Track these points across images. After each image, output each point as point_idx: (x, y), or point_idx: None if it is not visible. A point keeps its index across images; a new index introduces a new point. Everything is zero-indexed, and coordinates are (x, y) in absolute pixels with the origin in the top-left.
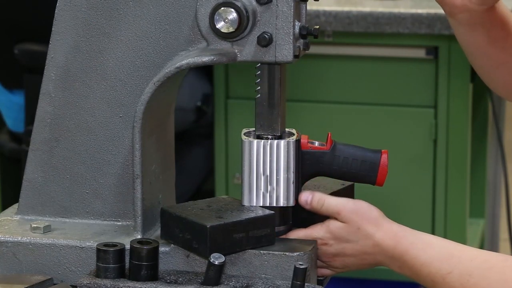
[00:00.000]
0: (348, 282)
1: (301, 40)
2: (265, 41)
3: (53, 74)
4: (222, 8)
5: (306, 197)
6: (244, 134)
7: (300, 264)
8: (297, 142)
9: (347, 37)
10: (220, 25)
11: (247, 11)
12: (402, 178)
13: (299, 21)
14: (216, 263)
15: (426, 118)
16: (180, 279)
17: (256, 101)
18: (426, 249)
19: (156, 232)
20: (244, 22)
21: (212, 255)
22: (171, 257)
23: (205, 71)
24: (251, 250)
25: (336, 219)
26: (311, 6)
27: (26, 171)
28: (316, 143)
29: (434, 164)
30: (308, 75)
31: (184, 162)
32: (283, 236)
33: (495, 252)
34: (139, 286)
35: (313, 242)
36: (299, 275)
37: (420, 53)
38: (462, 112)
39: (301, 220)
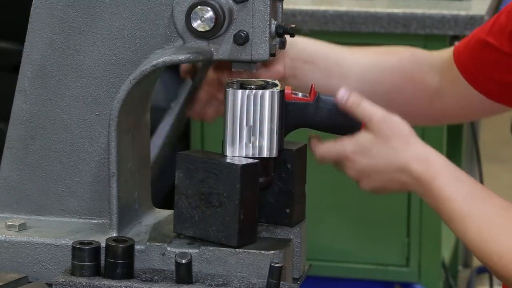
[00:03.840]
0: (347, 282)
1: (277, 39)
2: (241, 40)
3: (28, 71)
4: (199, 7)
5: (343, 94)
6: (227, 84)
7: (276, 263)
8: (282, 92)
9: (323, 36)
10: (196, 23)
11: (223, 10)
12: None
13: (275, 19)
14: (183, 261)
15: None
16: (156, 277)
17: None
18: (453, 184)
19: (132, 230)
20: (220, 21)
21: (177, 254)
22: (146, 255)
23: (179, 70)
24: (227, 249)
25: (365, 127)
26: (287, 5)
27: (1, 169)
28: (300, 95)
29: None
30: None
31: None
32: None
33: None
34: (115, 284)
35: (288, 240)
36: (275, 274)
37: None
38: None
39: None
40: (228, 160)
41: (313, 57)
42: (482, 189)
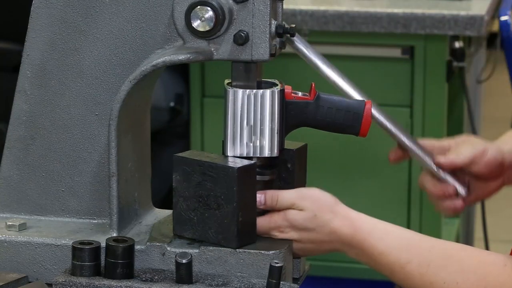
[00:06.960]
0: (347, 282)
1: (277, 39)
2: (241, 40)
3: (28, 71)
4: (198, 7)
5: (258, 198)
6: (227, 84)
7: (276, 263)
8: (282, 92)
9: (323, 36)
10: (196, 23)
11: (223, 10)
12: (377, 178)
13: (275, 19)
14: (183, 261)
15: (402, 117)
16: (156, 277)
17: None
18: (384, 238)
19: (132, 230)
20: (220, 21)
21: (177, 254)
22: (146, 255)
23: (178, 70)
24: (227, 249)
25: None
26: (287, 5)
27: (1, 168)
28: (300, 94)
29: (409, 163)
30: (284, 74)
31: (158, 162)
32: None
33: (453, 242)
34: (115, 284)
35: (288, 240)
36: (275, 274)
37: (396, 52)
38: (437, 111)
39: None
40: (224, 163)
41: None
42: (414, 234)
